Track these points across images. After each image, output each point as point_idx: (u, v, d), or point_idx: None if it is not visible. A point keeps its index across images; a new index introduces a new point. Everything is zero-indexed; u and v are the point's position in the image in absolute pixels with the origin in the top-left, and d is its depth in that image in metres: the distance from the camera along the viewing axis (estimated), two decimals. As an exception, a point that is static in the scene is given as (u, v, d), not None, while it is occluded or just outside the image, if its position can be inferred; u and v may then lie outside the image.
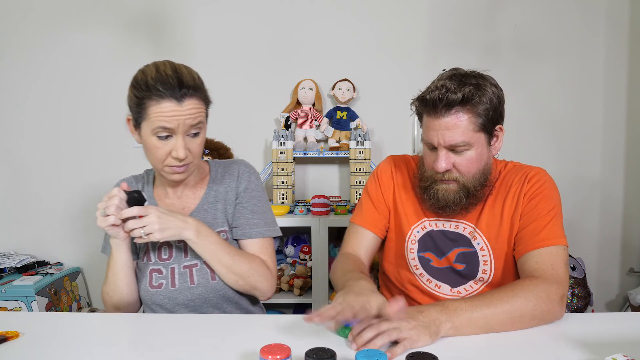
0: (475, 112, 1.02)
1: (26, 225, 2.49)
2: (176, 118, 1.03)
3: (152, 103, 1.03)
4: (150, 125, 1.04)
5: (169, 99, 1.02)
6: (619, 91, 2.37)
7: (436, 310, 0.87)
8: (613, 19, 2.33)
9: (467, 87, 1.01)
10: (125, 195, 1.03)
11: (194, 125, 1.06)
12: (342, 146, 2.29)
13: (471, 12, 2.35)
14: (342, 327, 0.90)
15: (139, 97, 1.04)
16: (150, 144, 1.06)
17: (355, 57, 2.39)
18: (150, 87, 1.03)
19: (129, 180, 1.25)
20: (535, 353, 0.83)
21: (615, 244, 2.44)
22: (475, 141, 1.04)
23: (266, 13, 2.38)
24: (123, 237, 1.06)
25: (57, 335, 0.94)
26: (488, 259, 1.11)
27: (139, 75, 1.06)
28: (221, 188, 1.21)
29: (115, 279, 1.11)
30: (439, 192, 1.08)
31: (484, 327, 0.88)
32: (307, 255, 2.26)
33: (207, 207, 1.19)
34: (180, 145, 1.05)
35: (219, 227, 1.17)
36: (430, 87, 1.05)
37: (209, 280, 1.13)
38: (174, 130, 1.04)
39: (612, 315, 1.01)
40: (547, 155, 2.38)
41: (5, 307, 2.08)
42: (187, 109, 1.04)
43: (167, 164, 1.07)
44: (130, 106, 1.08)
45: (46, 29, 2.40)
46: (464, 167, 1.05)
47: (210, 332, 0.94)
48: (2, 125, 2.46)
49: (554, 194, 1.10)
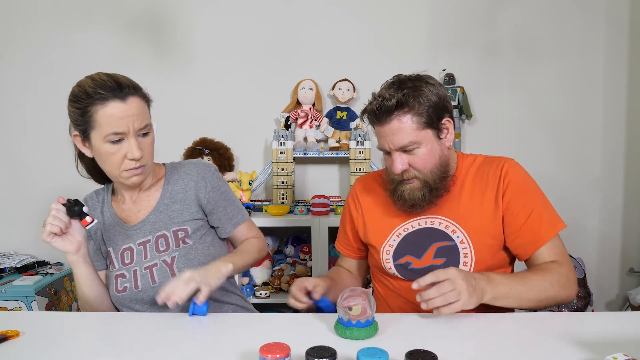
0: (416, 112, 1.08)
1: (26, 225, 2.49)
2: (124, 120, 1.05)
3: (98, 108, 1.05)
4: (100, 132, 1.05)
5: (112, 99, 1.05)
6: (619, 91, 2.37)
7: (484, 280, 0.98)
8: (613, 19, 2.33)
9: (401, 92, 1.08)
10: (62, 207, 1.06)
11: (142, 128, 1.08)
12: (342, 146, 2.29)
13: (471, 12, 2.35)
14: (342, 326, 0.90)
15: (81, 107, 1.06)
16: (104, 152, 1.08)
17: (355, 57, 2.39)
18: (91, 94, 1.05)
19: (91, 195, 1.29)
20: (536, 353, 0.83)
21: (615, 244, 2.44)
22: (423, 138, 1.10)
23: (266, 13, 2.38)
24: (74, 249, 1.09)
25: (57, 335, 0.95)
26: (468, 251, 1.13)
27: (75, 90, 1.09)
28: (177, 188, 1.22)
29: (81, 292, 1.15)
30: (404, 192, 1.14)
31: (516, 301, 1.02)
32: (307, 255, 2.26)
33: (163, 208, 1.20)
34: (134, 146, 1.07)
35: (175, 226, 1.19)
36: (371, 98, 1.14)
37: (169, 278, 1.13)
38: (125, 133, 1.06)
39: (612, 315, 1.01)
40: (547, 155, 2.38)
41: (5, 307, 2.08)
42: (133, 107, 1.06)
43: (124, 167, 1.09)
44: (74, 121, 1.10)
45: (46, 29, 2.40)
46: (420, 164, 1.12)
47: (210, 331, 0.94)
48: (2, 125, 2.46)
49: (531, 179, 1.17)
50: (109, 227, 1.23)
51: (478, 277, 0.98)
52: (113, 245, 1.20)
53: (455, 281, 0.92)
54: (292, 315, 1.04)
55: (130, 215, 1.22)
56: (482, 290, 0.97)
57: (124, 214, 1.23)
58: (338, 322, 0.92)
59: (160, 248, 1.17)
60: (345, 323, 0.89)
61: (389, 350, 0.75)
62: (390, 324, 0.96)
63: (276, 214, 2.17)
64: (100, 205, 1.26)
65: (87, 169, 1.25)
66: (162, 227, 1.19)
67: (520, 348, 0.84)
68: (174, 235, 1.18)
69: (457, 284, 0.92)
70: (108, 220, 1.23)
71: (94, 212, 1.25)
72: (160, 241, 1.18)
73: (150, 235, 1.19)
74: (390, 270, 1.19)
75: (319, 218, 2.10)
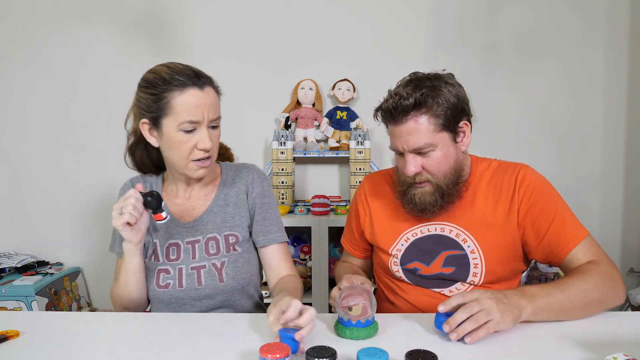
0: (433, 113, 1.03)
1: (26, 225, 2.49)
2: (201, 109, 1.03)
3: (176, 94, 1.02)
4: (175, 120, 1.03)
5: (191, 86, 1.03)
6: (619, 91, 2.37)
7: (517, 295, 0.90)
8: (613, 19, 2.33)
9: (419, 91, 1.02)
10: (141, 197, 1.02)
11: (214, 119, 1.07)
12: (342, 146, 2.29)
13: (471, 12, 2.35)
14: (342, 326, 0.90)
15: (157, 93, 1.03)
16: (176, 140, 1.05)
17: (355, 57, 2.39)
18: (169, 80, 1.03)
19: (137, 179, 1.23)
20: (536, 353, 0.83)
21: (615, 244, 2.44)
22: (439, 141, 1.05)
23: (266, 13, 2.38)
24: (137, 241, 1.05)
25: (57, 335, 0.94)
26: (479, 261, 1.10)
27: (150, 76, 1.06)
28: (232, 191, 1.20)
29: (126, 282, 1.10)
30: (415, 196, 1.10)
31: (557, 312, 0.92)
32: (307, 255, 2.26)
33: (217, 210, 1.18)
34: (207, 136, 1.05)
35: (227, 230, 1.17)
36: (387, 96, 1.07)
37: (217, 282, 1.12)
38: (200, 122, 1.04)
39: (612, 315, 1.00)
40: (547, 155, 2.38)
41: (5, 307, 2.08)
42: (210, 96, 1.05)
43: (193, 157, 1.06)
44: (145, 107, 1.06)
45: (46, 29, 2.40)
46: (433, 168, 1.07)
47: (210, 331, 0.94)
48: (3, 125, 2.46)
49: (548, 184, 1.11)
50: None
51: (509, 293, 0.90)
52: (159, 238, 1.16)
53: (482, 301, 0.85)
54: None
55: (183, 212, 1.18)
56: (518, 306, 0.88)
57: (176, 208, 1.19)
58: (338, 322, 0.92)
59: (211, 251, 1.14)
60: (345, 323, 0.89)
61: (389, 350, 0.75)
62: (390, 324, 0.96)
63: (276, 214, 2.17)
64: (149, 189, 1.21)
65: (141, 160, 1.20)
66: (214, 230, 1.16)
67: (520, 348, 0.84)
68: (225, 240, 1.16)
69: (484, 304, 0.85)
70: None
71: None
72: (210, 243, 1.15)
73: (200, 235, 1.16)
74: (398, 274, 1.17)
75: (319, 218, 2.10)
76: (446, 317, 0.87)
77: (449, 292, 1.12)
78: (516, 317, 0.87)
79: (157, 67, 1.08)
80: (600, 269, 0.99)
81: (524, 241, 1.10)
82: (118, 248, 1.16)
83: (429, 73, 1.09)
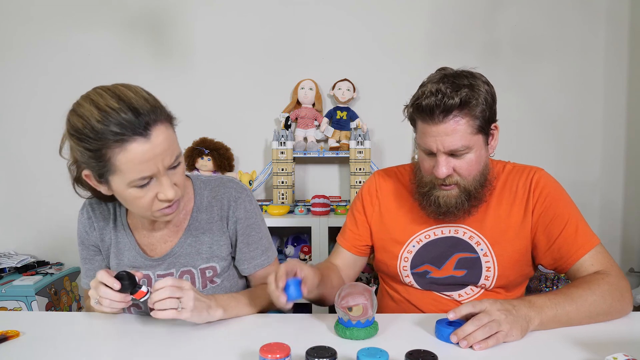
0: (473, 115, 0.99)
1: (26, 225, 2.49)
2: (152, 162, 0.86)
3: (116, 152, 0.84)
4: (123, 179, 0.87)
5: (132, 138, 0.84)
6: (619, 91, 2.37)
7: (525, 306, 0.89)
8: (613, 19, 2.33)
9: (462, 90, 0.97)
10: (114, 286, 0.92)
11: (172, 163, 0.91)
12: (342, 146, 2.29)
13: (471, 12, 2.35)
14: (342, 326, 0.90)
15: (92, 149, 0.85)
16: (130, 197, 0.90)
17: (355, 57, 2.39)
18: (102, 132, 0.83)
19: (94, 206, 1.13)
20: (536, 353, 0.83)
21: (615, 244, 2.44)
22: (474, 143, 1.01)
23: (266, 13, 2.38)
24: (118, 311, 0.99)
25: (57, 335, 0.94)
26: (491, 265, 1.08)
27: (78, 123, 0.85)
28: (207, 217, 1.08)
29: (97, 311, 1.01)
30: (439, 198, 1.05)
31: (565, 323, 0.92)
32: (307, 255, 2.26)
33: (191, 240, 1.07)
34: (167, 187, 0.90)
35: (203, 263, 1.07)
36: (424, 92, 0.99)
37: None
38: (155, 174, 0.89)
39: (612, 315, 1.00)
40: (547, 155, 2.38)
41: (5, 307, 2.08)
42: (159, 141, 0.86)
43: (156, 208, 0.93)
44: (83, 162, 0.89)
45: (47, 29, 2.40)
46: (465, 170, 1.03)
47: (210, 331, 0.94)
48: (3, 125, 2.46)
49: (562, 190, 1.09)
50: (123, 249, 1.09)
51: (517, 303, 0.89)
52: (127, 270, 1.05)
53: (491, 312, 0.85)
54: (292, 315, 1.04)
55: (153, 244, 1.08)
56: (526, 318, 0.87)
57: (144, 240, 1.08)
58: (338, 322, 0.92)
59: None
60: (345, 323, 0.89)
61: (389, 350, 0.75)
62: (390, 324, 0.96)
63: (276, 214, 2.17)
64: (112, 218, 1.10)
65: (94, 193, 1.03)
66: (188, 263, 1.07)
67: (520, 348, 0.84)
68: (201, 274, 1.07)
69: (494, 315, 0.85)
70: (124, 243, 1.09)
71: (104, 223, 1.11)
72: (185, 277, 1.07)
73: (173, 268, 1.07)
74: (407, 279, 1.14)
75: (319, 218, 2.10)
76: (448, 327, 0.87)
77: (458, 296, 1.11)
78: (524, 329, 0.87)
79: (84, 107, 0.85)
80: (608, 279, 0.97)
81: (534, 244, 1.08)
82: (86, 280, 1.12)
83: (462, 70, 1.03)
